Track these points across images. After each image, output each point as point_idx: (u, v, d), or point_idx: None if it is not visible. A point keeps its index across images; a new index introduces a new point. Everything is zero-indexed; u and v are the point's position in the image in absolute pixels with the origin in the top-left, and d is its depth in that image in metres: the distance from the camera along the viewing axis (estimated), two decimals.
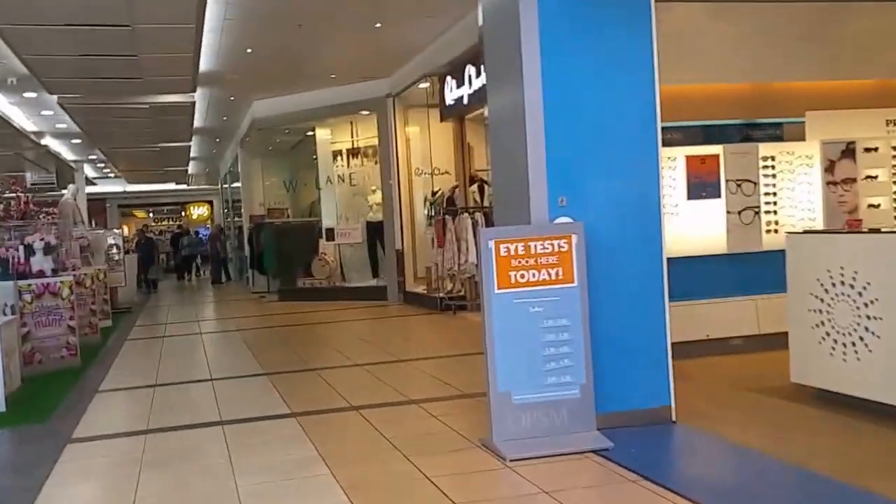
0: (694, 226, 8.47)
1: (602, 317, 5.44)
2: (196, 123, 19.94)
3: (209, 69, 13.95)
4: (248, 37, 12.24)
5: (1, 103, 15.94)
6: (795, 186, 8.78)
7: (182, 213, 47.76)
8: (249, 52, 13.08)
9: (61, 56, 11.59)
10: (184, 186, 39.97)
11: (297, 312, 15.69)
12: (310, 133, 19.22)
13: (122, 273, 18.52)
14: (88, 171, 30.26)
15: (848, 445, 5.33)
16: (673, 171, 8.37)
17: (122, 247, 19.07)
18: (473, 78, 12.36)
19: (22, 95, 15.43)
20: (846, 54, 8.86)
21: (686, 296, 7.34)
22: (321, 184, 18.79)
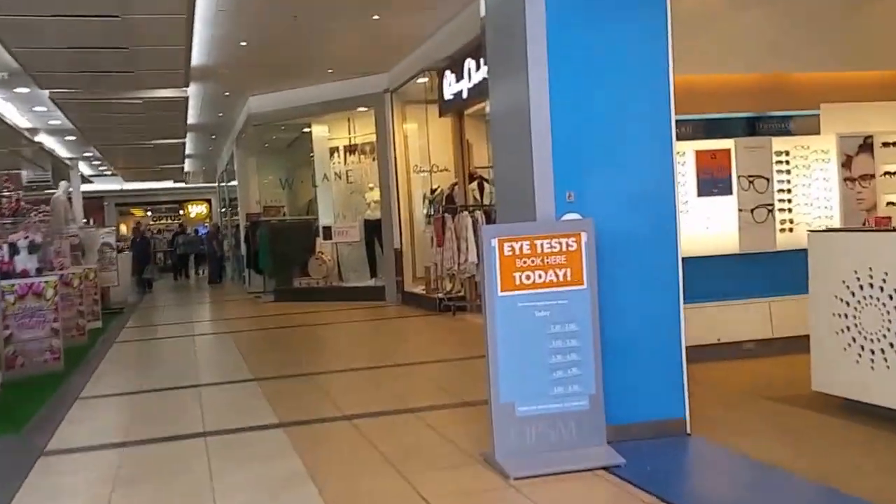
0: (704, 224, 8.07)
1: (612, 321, 5.03)
2: (190, 119, 19.57)
3: (202, 63, 13.55)
4: (242, 29, 11.82)
5: None
6: (811, 183, 8.37)
7: (180, 212, 47.57)
8: (243, 45, 12.67)
9: (51, 49, 11.22)
10: (182, 184, 39.70)
11: (293, 313, 15.29)
12: (306, 130, 18.83)
13: (115, 272, 18.13)
14: (84, 169, 29.94)
15: (877, 461, 4.90)
16: (682, 167, 7.94)
17: (115, 245, 18.68)
18: (473, 72, 11.97)
19: (13, 91, 15.06)
20: (864, 44, 8.47)
21: (696, 298, 6.90)
22: (318, 181, 18.41)
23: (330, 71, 15.10)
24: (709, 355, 7.28)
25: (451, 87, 12.92)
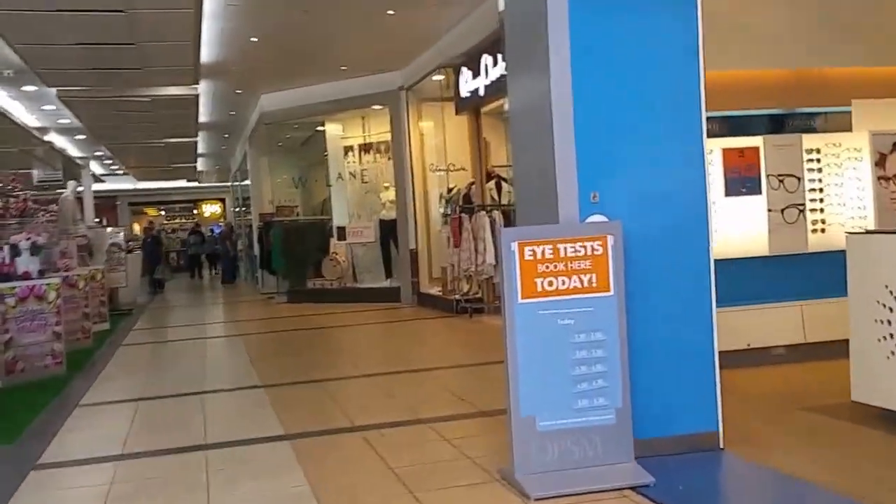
0: (732, 225, 7.72)
1: (640, 329, 4.69)
2: (202, 118, 19.33)
3: (212, 60, 13.28)
4: (252, 24, 11.54)
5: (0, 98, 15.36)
6: (843, 182, 8.00)
7: (194, 211, 47.45)
8: (254, 41, 12.39)
9: (55, 45, 10.96)
10: (195, 184, 39.53)
11: (305, 315, 15.00)
12: (320, 128, 18.54)
13: (124, 273, 17.89)
14: (96, 168, 29.79)
15: None
16: (709, 165, 7.58)
17: (124, 245, 18.43)
18: (490, 68, 11.66)
19: (20, 89, 14.87)
20: None
21: (725, 302, 6.53)
22: (332, 180, 18.12)
23: (343, 68, 14.80)
24: (738, 361, 6.91)
25: (468, 84, 12.61)
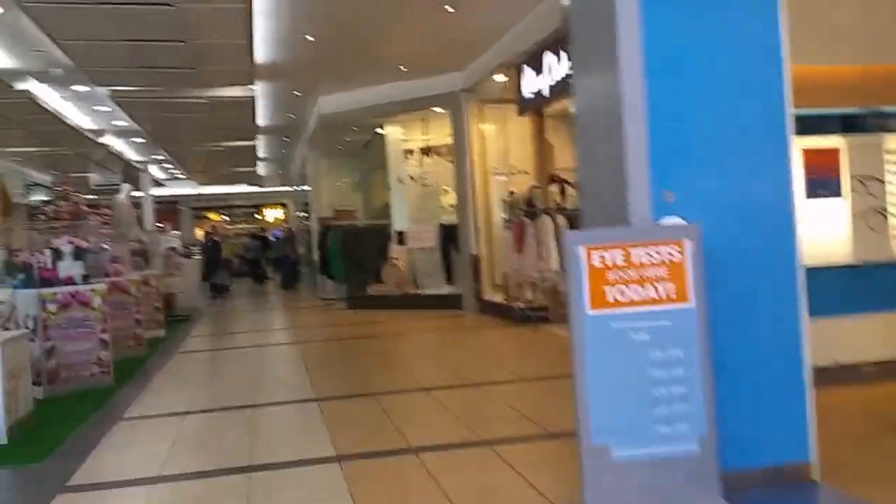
0: (813, 229, 7.12)
1: (722, 346, 4.18)
2: (261, 121, 19.11)
3: (268, 60, 13.00)
4: (307, 22, 11.19)
5: (52, 98, 15.24)
6: None
7: (256, 216, 47.65)
8: (310, 40, 12.06)
9: (101, 41, 10.71)
10: (257, 188, 39.59)
11: (364, 323, 14.62)
12: (379, 131, 18.19)
13: (181, 278, 17.73)
14: (156, 173, 29.96)
15: None
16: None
17: (181, 250, 18.27)
18: (554, 66, 11.15)
19: (71, 89, 14.73)
20: None
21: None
22: (391, 184, 17.74)
23: (403, 69, 14.42)
24: (824, 379, 6.29)
25: (531, 84, 12.12)
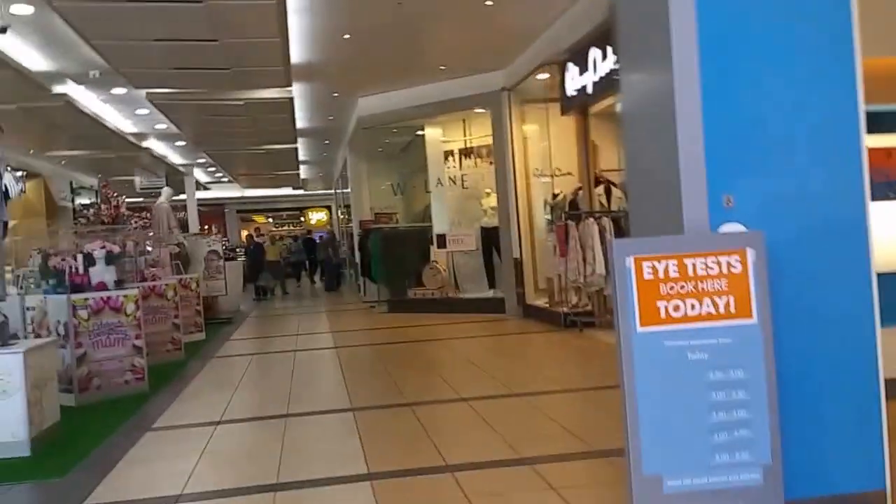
0: (881, 233, 6.67)
1: (787, 365, 3.80)
2: (300, 123, 18.91)
3: (305, 60, 12.76)
4: (343, 19, 10.93)
5: (91, 101, 15.14)
6: None
7: (301, 219, 47.98)
8: (347, 39, 11.79)
9: (132, 41, 10.48)
10: (301, 191, 39.72)
11: (405, 326, 14.35)
12: (420, 132, 17.90)
13: (223, 281, 17.60)
14: (200, 176, 29.97)
15: None
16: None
17: (222, 253, 18.15)
18: (599, 62, 10.76)
19: (110, 92, 14.63)
20: None
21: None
22: (431, 186, 17.45)
23: (442, 68, 14.12)
24: (892, 392, 5.90)
25: (574, 82, 11.74)
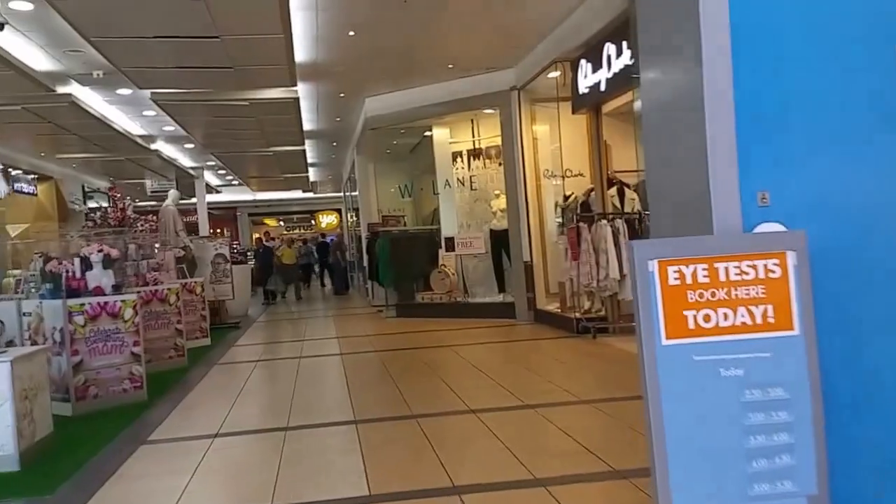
0: None
1: (834, 383, 3.39)
2: (307, 125, 18.57)
3: (310, 59, 12.42)
4: (347, 15, 10.55)
5: (96, 102, 14.85)
6: None
7: (312, 222, 48.02)
8: (352, 36, 11.42)
9: (134, 39, 10.15)
10: (311, 194, 39.60)
11: (412, 332, 13.98)
12: (428, 133, 17.52)
13: (230, 285, 17.27)
14: (211, 179, 29.76)
15: None
16: None
17: (230, 257, 17.83)
18: (613, 58, 10.35)
19: (116, 93, 14.35)
20: None
21: None
22: (439, 188, 17.06)
23: (450, 67, 13.73)
24: None
25: (587, 79, 11.34)
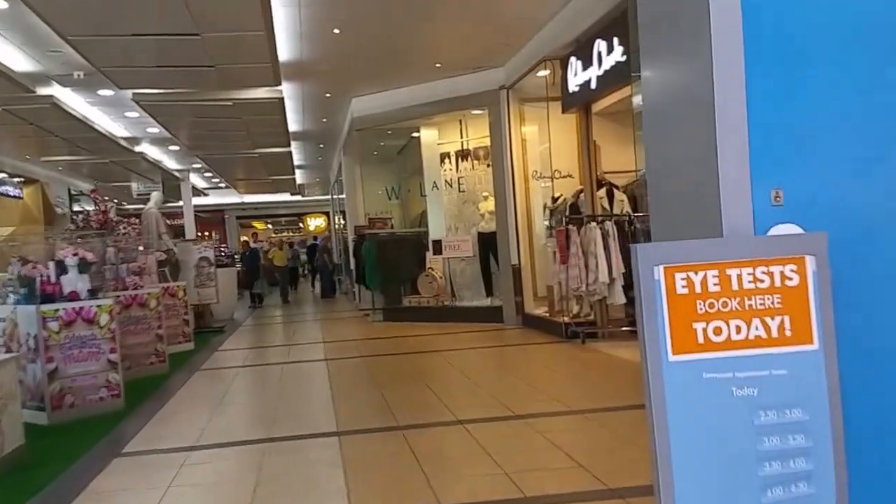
0: None
1: (857, 404, 3.09)
2: (293, 126, 18.29)
3: (293, 57, 12.13)
4: (331, 12, 10.27)
5: (78, 104, 14.56)
6: None
7: (300, 225, 47.99)
8: (337, 34, 11.12)
9: (111, 37, 9.88)
10: (299, 197, 39.45)
11: (399, 336, 13.69)
12: (415, 134, 17.23)
13: (214, 288, 16.96)
14: (197, 182, 29.47)
15: None
16: None
17: (214, 260, 17.52)
18: (604, 55, 10.08)
19: (98, 94, 14.04)
20: None
21: None
22: (427, 190, 16.78)
23: (437, 66, 13.44)
24: None
25: (577, 77, 11.08)
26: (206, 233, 39.64)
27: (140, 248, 14.11)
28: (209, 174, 27.77)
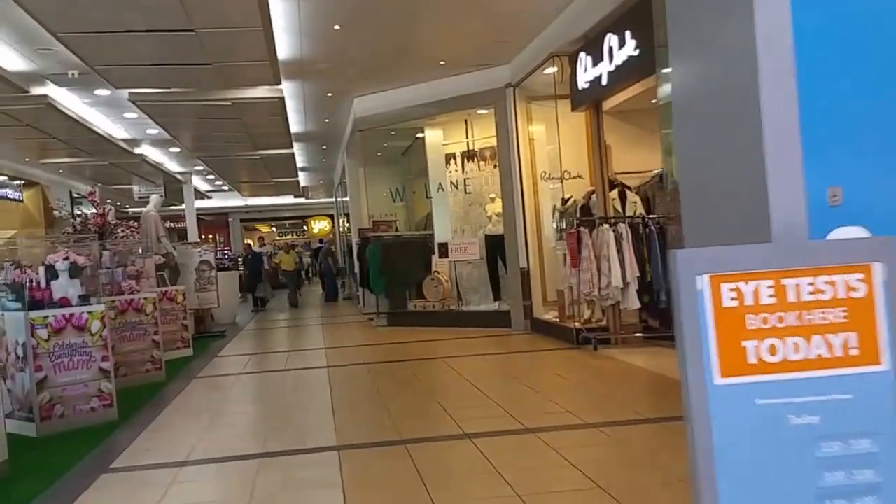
0: None
1: None
2: (295, 127, 17.97)
3: (294, 55, 11.75)
4: (332, 8, 9.91)
5: (75, 104, 14.26)
6: None
7: (304, 228, 47.91)
8: (338, 30, 10.75)
9: (104, 34, 9.52)
10: (303, 200, 39.22)
11: (404, 342, 13.33)
12: (420, 135, 16.88)
13: (215, 292, 16.64)
14: (200, 184, 29.21)
15: None
16: None
17: (215, 263, 17.21)
18: (616, 50, 9.71)
19: (94, 94, 13.71)
20: None
21: None
22: (432, 192, 16.42)
23: (442, 63, 13.07)
24: None
25: (587, 73, 10.70)
26: (210, 236, 39.46)
27: (138, 252, 13.81)
28: (212, 176, 27.52)
